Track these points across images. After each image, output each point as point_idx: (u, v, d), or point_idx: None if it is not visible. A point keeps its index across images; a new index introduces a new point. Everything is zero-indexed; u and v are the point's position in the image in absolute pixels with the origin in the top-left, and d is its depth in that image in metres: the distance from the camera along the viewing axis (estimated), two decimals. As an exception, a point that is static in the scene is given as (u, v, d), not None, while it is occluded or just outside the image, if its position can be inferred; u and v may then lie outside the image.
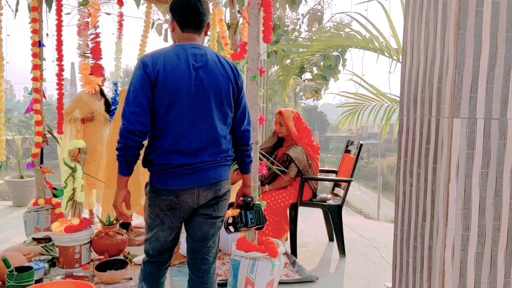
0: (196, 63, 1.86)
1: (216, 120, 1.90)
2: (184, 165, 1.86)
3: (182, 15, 1.92)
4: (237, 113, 2.00)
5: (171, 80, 1.81)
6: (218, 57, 1.95)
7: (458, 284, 1.74)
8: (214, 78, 1.88)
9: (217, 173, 1.95)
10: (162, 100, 1.82)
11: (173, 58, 1.85)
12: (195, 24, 1.94)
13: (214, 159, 1.92)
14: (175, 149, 1.85)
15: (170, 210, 1.93)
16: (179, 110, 1.83)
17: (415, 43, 1.94)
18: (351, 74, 4.89)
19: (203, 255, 2.06)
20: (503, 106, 1.71)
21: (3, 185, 6.56)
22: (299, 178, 3.54)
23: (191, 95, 1.84)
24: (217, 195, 1.97)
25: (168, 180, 1.88)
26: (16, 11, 4.19)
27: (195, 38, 1.95)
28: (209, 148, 1.90)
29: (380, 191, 17.79)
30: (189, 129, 1.86)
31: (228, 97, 1.92)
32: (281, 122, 3.64)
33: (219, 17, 4.40)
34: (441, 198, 1.73)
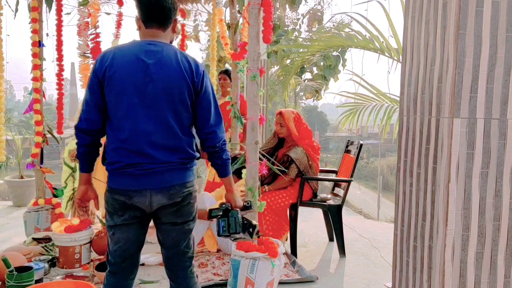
0: (148, 60, 1.80)
1: (170, 119, 1.82)
2: (135, 164, 1.80)
3: (145, 9, 1.86)
4: (198, 114, 1.91)
5: (118, 77, 1.77)
6: (177, 55, 1.85)
7: (458, 284, 1.74)
8: (165, 76, 1.80)
9: (171, 176, 1.85)
10: (111, 97, 1.79)
11: (124, 54, 1.81)
12: (159, 19, 1.86)
13: (170, 160, 1.84)
14: (126, 147, 1.80)
15: (124, 210, 1.86)
16: (128, 107, 1.79)
17: (415, 43, 1.94)
18: (351, 74, 4.91)
19: (178, 262, 1.99)
20: (503, 106, 1.71)
21: (3, 185, 6.56)
22: (299, 178, 3.54)
23: (140, 92, 1.78)
24: (175, 201, 1.87)
25: (120, 179, 1.83)
26: (16, 11, 4.19)
27: (158, 34, 1.88)
28: (162, 148, 1.83)
29: (380, 191, 17.79)
30: (139, 127, 1.80)
31: (181, 96, 1.83)
32: (281, 122, 3.64)
33: (219, 17, 4.41)
34: (441, 198, 1.73)
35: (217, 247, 3.41)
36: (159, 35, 1.88)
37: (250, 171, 2.64)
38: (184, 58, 1.86)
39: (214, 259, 3.27)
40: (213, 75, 4.61)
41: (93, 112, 1.82)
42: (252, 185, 2.63)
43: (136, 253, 1.95)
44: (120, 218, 1.87)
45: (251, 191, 2.63)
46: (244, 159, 2.79)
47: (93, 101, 1.82)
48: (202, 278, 2.95)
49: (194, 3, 4.87)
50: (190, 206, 1.94)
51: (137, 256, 1.98)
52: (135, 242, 1.93)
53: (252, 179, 2.64)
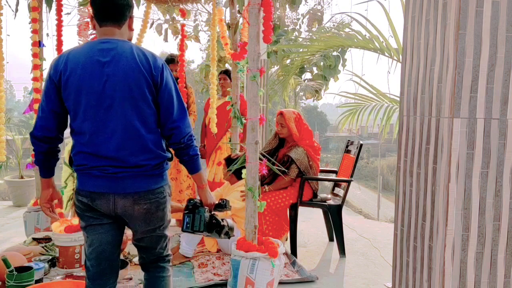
0: (103, 58, 1.74)
1: (131, 118, 1.76)
2: (98, 166, 1.76)
3: (97, 7, 1.80)
4: (161, 108, 1.83)
5: (74, 80, 1.72)
6: (133, 50, 1.78)
7: (458, 284, 1.74)
8: (122, 73, 1.73)
9: (137, 182, 1.79)
10: (68, 101, 1.75)
11: (78, 56, 1.75)
12: (112, 16, 1.80)
13: (135, 162, 1.77)
14: (89, 151, 1.76)
15: (90, 211, 1.83)
16: (86, 109, 1.73)
17: (415, 43, 1.94)
18: (351, 74, 4.90)
19: (155, 263, 1.98)
20: (503, 106, 1.71)
21: (3, 185, 6.56)
22: (299, 178, 3.54)
23: (97, 93, 1.72)
24: (141, 208, 1.81)
25: (84, 180, 1.80)
26: (16, 11, 4.19)
27: (113, 32, 1.81)
28: (125, 149, 1.76)
29: (380, 191, 17.80)
30: (99, 129, 1.75)
31: (141, 92, 1.76)
32: (282, 123, 3.64)
33: (219, 17, 4.40)
34: (441, 198, 1.73)
35: (217, 247, 3.41)
36: (114, 33, 1.82)
37: (250, 171, 2.64)
38: (140, 52, 1.80)
39: (214, 259, 3.28)
40: (214, 75, 4.61)
41: (49, 118, 1.78)
42: (252, 185, 2.63)
43: (112, 254, 1.89)
44: (90, 219, 1.84)
45: (251, 191, 2.63)
46: (244, 159, 2.79)
47: (48, 107, 1.77)
48: (202, 278, 2.95)
49: (194, 3, 4.87)
50: (159, 212, 1.87)
51: (115, 259, 1.91)
52: (110, 242, 1.87)
53: (252, 179, 2.64)
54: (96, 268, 1.87)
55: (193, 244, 3.25)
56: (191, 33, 8.28)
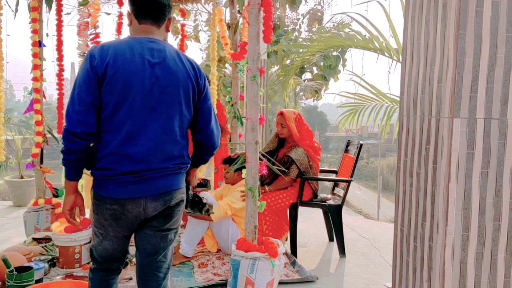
0: (153, 59, 1.68)
1: (171, 122, 1.72)
2: (130, 172, 1.67)
3: (139, 2, 1.75)
4: (199, 116, 1.82)
5: (122, 75, 1.63)
6: (179, 54, 1.77)
7: (458, 284, 1.74)
8: (172, 77, 1.70)
9: (168, 182, 1.76)
10: (110, 97, 1.63)
11: (125, 51, 1.66)
12: (154, 14, 1.75)
13: (166, 166, 1.73)
14: (121, 152, 1.66)
15: (115, 220, 1.74)
16: (129, 109, 1.65)
17: (415, 43, 1.94)
18: (351, 74, 4.90)
19: (153, 271, 1.87)
20: (503, 106, 1.71)
21: (3, 185, 6.56)
22: (299, 178, 3.54)
23: (144, 93, 1.66)
24: (168, 206, 1.78)
25: (112, 188, 1.69)
26: (16, 11, 4.19)
27: (153, 31, 1.77)
28: (160, 153, 1.71)
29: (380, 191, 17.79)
30: (138, 131, 1.67)
31: (187, 98, 1.74)
32: (282, 123, 3.64)
33: (219, 17, 4.41)
34: (441, 198, 1.73)
35: (217, 247, 3.41)
36: (153, 32, 1.77)
37: (250, 171, 2.64)
38: (186, 58, 1.79)
39: (214, 259, 3.28)
40: (214, 75, 4.61)
41: (90, 112, 1.63)
42: (252, 185, 2.63)
43: (123, 256, 1.89)
44: (111, 229, 1.77)
45: (251, 191, 2.63)
46: (244, 159, 2.79)
47: (89, 99, 1.62)
48: (202, 278, 2.95)
49: (194, 3, 4.88)
50: (180, 213, 1.87)
51: (124, 258, 1.91)
52: (122, 249, 1.86)
53: (252, 179, 2.64)
54: (104, 264, 1.87)
55: (193, 244, 3.25)
56: (191, 33, 8.28)
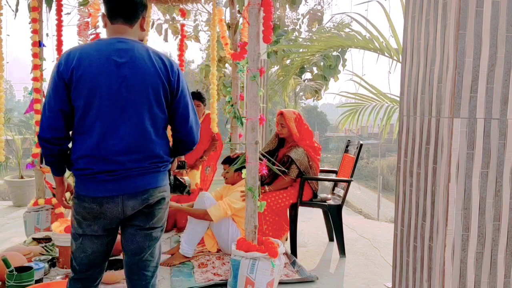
0: (120, 59, 1.68)
1: (144, 121, 1.72)
2: (107, 171, 1.69)
3: (110, 2, 1.76)
4: (177, 114, 1.82)
5: (87, 78, 1.65)
6: (149, 53, 1.75)
7: (458, 284, 1.74)
8: (140, 76, 1.70)
9: (145, 180, 1.75)
10: (79, 101, 1.66)
11: (92, 54, 1.68)
12: (125, 14, 1.75)
13: (142, 165, 1.73)
14: (95, 154, 1.68)
15: (94, 218, 1.74)
16: (98, 110, 1.67)
17: (415, 43, 1.94)
18: (351, 74, 4.90)
19: (140, 270, 1.87)
20: (503, 106, 1.71)
21: (3, 185, 6.55)
22: (299, 178, 3.54)
23: (112, 94, 1.67)
24: (148, 204, 1.78)
25: (90, 186, 1.71)
26: (16, 11, 4.20)
27: (125, 31, 1.76)
28: (134, 153, 1.71)
29: (380, 191, 17.81)
30: (110, 132, 1.68)
31: (157, 96, 1.73)
32: (282, 123, 3.64)
33: (219, 17, 4.41)
34: (441, 198, 1.73)
35: (217, 247, 3.41)
36: (125, 32, 1.77)
37: (250, 171, 2.64)
38: (157, 56, 1.77)
39: (214, 259, 3.28)
40: (213, 75, 4.61)
41: (58, 118, 1.68)
42: (252, 185, 2.63)
43: (103, 261, 1.86)
44: (90, 228, 1.77)
45: (251, 191, 2.63)
46: (244, 159, 2.79)
47: (57, 106, 1.67)
48: (202, 278, 2.95)
49: (194, 3, 4.88)
50: (162, 211, 1.85)
51: (104, 264, 1.88)
52: (103, 253, 1.83)
53: (252, 179, 2.64)
54: (84, 272, 1.83)
55: (193, 244, 3.25)
56: (191, 33, 8.29)
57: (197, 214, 3.21)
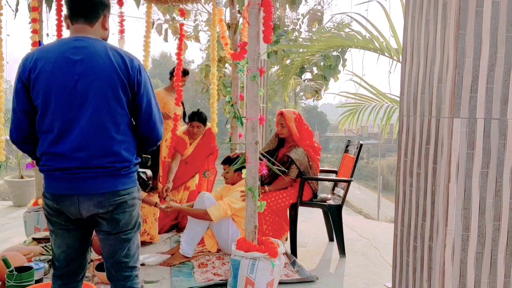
0: (75, 56, 1.69)
1: (100, 118, 1.70)
2: (64, 168, 1.70)
3: (70, 3, 1.77)
4: (139, 110, 1.80)
5: (43, 77, 1.67)
6: (107, 50, 1.74)
7: (458, 284, 1.74)
8: (96, 72, 1.69)
9: (101, 183, 1.73)
10: (38, 100, 1.70)
11: (48, 53, 1.71)
12: (84, 13, 1.76)
13: (100, 164, 1.71)
14: (52, 151, 1.71)
15: (57, 215, 1.77)
16: (55, 108, 1.68)
17: (415, 43, 1.94)
18: (351, 74, 4.89)
19: (117, 272, 1.86)
20: (503, 106, 1.71)
21: (3, 185, 6.55)
22: (299, 178, 3.54)
23: (67, 92, 1.67)
24: (107, 210, 1.75)
25: (50, 183, 1.75)
26: (16, 11, 4.20)
27: (85, 30, 1.77)
28: (91, 149, 1.70)
29: (380, 191, 17.81)
30: (67, 129, 1.69)
31: (115, 93, 1.71)
32: (282, 123, 3.64)
33: (219, 17, 4.41)
34: (441, 198, 1.73)
35: (217, 247, 3.41)
36: (85, 31, 1.77)
37: (250, 171, 2.64)
38: (115, 52, 1.76)
39: (214, 259, 3.28)
40: (214, 75, 4.61)
41: (21, 119, 1.74)
42: (252, 185, 2.63)
43: (80, 255, 1.86)
44: (57, 224, 1.79)
45: (251, 191, 2.63)
46: (244, 159, 2.79)
47: (19, 108, 1.73)
48: (202, 278, 2.95)
49: (194, 3, 4.88)
50: (126, 215, 1.80)
51: (83, 259, 1.89)
52: (78, 247, 1.84)
53: (252, 179, 2.64)
54: (63, 268, 1.85)
55: (193, 244, 3.25)
56: (191, 33, 8.29)
57: (197, 214, 3.21)
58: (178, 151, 4.14)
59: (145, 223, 3.63)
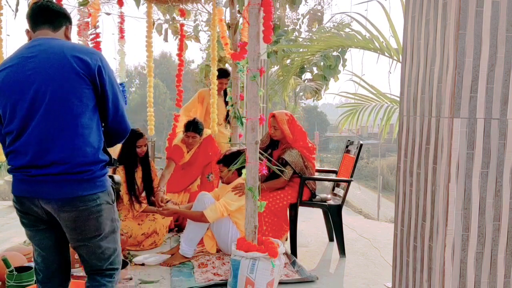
0: (29, 54, 1.69)
1: (58, 117, 1.65)
2: (21, 167, 1.67)
3: (32, 13, 1.79)
4: (107, 105, 1.75)
5: (5, 81, 1.69)
6: (62, 44, 1.72)
7: (458, 284, 1.74)
8: (49, 68, 1.66)
9: (59, 188, 1.66)
10: (1, 104, 1.70)
11: (11, 58, 1.74)
12: (48, 20, 1.78)
13: (63, 170, 1.65)
14: (13, 149, 1.70)
15: (25, 215, 1.76)
16: (14, 108, 1.67)
17: (415, 43, 1.94)
18: (351, 74, 4.90)
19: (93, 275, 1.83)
20: (503, 106, 1.71)
21: (3, 185, 6.54)
22: (295, 178, 3.54)
23: (22, 90, 1.66)
24: (69, 216, 1.69)
25: (14, 185, 1.74)
26: (16, 11, 4.19)
27: (47, 33, 1.78)
28: (51, 150, 1.65)
29: (380, 191, 17.79)
30: (25, 127, 1.66)
31: (73, 88, 1.66)
32: (275, 125, 3.61)
33: (219, 17, 4.41)
34: (441, 198, 1.73)
35: (216, 247, 3.41)
36: (48, 34, 1.78)
37: (250, 171, 2.64)
38: (73, 47, 1.74)
39: (214, 259, 3.28)
40: (214, 75, 4.61)
41: None
42: (252, 185, 2.63)
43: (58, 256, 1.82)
44: (28, 225, 1.78)
45: (251, 191, 2.63)
46: (244, 159, 2.79)
47: None
48: (202, 278, 2.95)
49: (194, 3, 4.88)
50: (91, 221, 1.72)
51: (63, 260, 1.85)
52: (51, 247, 1.80)
53: (252, 179, 2.64)
54: (44, 271, 1.82)
55: (193, 244, 3.25)
56: (191, 33, 8.29)
57: (194, 216, 3.21)
58: (173, 160, 4.13)
59: (157, 235, 3.63)
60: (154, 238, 3.62)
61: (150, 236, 3.60)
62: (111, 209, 1.80)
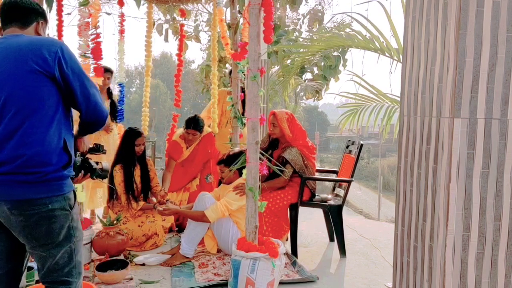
0: None
1: (13, 117, 1.59)
2: None
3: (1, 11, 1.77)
4: (76, 96, 1.69)
5: None
6: (24, 38, 1.69)
7: (459, 284, 1.74)
8: (5, 69, 1.61)
9: (9, 189, 1.57)
10: None
11: None
12: (16, 18, 1.75)
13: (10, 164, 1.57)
14: None
15: None
16: None
17: (415, 43, 1.94)
18: (351, 74, 4.89)
19: (49, 284, 1.72)
20: (504, 106, 1.71)
21: None
22: (295, 178, 3.54)
23: None
24: (19, 221, 1.60)
25: None
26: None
27: (15, 32, 1.76)
28: (2, 150, 1.57)
29: (381, 191, 17.79)
30: None
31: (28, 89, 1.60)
32: (274, 123, 3.63)
33: (219, 17, 4.42)
34: (441, 198, 1.73)
35: (217, 247, 3.41)
36: (15, 32, 1.76)
37: (251, 171, 2.64)
38: (35, 39, 1.70)
39: (215, 259, 3.28)
40: (214, 75, 4.61)
41: None
42: (252, 185, 2.63)
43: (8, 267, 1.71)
44: None
45: (251, 191, 2.63)
46: (245, 159, 2.79)
47: None
48: (203, 278, 2.95)
49: (194, 3, 4.89)
50: (42, 228, 1.62)
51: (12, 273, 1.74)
52: (4, 253, 1.69)
53: (252, 179, 2.64)
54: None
55: (194, 245, 3.25)
56: (192, 33, 8.30)
57: (195, 216, 3.21)
58: (172, 158, 4.13)
59: (157, 236, 3.63)
60: (154, 239, 3.63)
61: (150, 237, 3.61)
62: (68, 216, 1.68)
